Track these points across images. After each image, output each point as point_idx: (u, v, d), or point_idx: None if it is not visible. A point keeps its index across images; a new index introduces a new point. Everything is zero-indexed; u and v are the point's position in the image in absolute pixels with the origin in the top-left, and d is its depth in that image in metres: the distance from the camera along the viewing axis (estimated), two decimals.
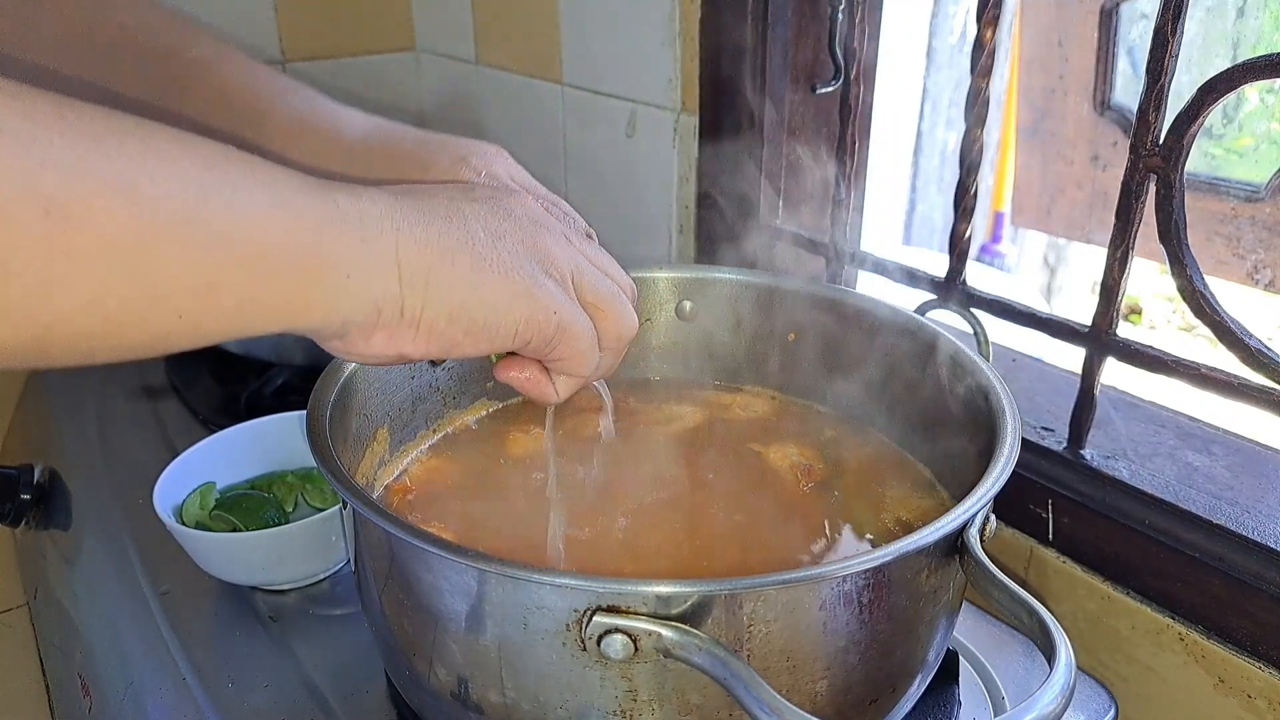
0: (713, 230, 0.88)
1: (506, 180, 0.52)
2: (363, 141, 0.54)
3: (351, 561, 0.52)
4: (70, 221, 0.29)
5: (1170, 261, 0.58)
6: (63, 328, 0.31)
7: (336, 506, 0.66)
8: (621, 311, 0.47)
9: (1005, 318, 0.68)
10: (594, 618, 0.39)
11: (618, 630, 0.38)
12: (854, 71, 0.77)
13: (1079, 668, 0.39)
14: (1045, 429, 0.69)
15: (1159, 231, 0.59)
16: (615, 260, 0.49)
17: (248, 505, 0.69)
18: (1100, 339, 0.63)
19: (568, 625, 0.40)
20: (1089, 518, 0.64)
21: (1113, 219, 0.60)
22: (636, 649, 0.39)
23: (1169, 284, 0.59)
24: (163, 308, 0.32)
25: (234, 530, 0.67)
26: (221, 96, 0.54)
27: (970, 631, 0.63)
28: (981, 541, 0.44)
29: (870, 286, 0.76)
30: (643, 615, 0.38)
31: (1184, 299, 0.58)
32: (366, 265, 0.37)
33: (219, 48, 0.56)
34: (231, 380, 0.95)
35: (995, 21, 0.65)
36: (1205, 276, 0.58)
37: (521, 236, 0.43)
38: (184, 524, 0.67)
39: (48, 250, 0.29)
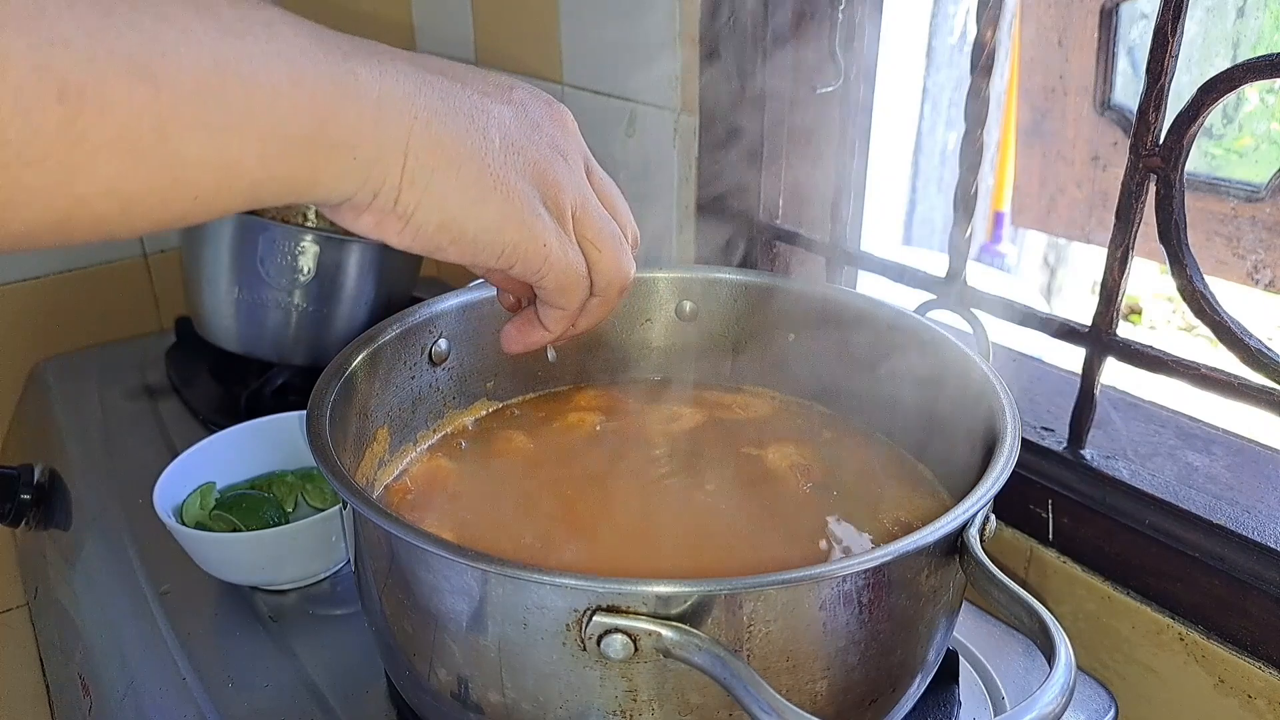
0: (713, 230, 0.88)
1: None
2: None
3: (351, 561, 0.52)
4: (86, 106, 0.28)
5: (1170, 261, 0.58)
6: (83, 212, 0.30)
7: (336, 506, 0.66)
8: (617, 255, 0.46)
9: (1005, 318, 0.68)
10: (594, 618, 0.39)
11: (618, 630, 0.38)
12: (854, 71, 0.77)
13: (1079, 668, 0.39)
14: (1045, 429, 0.69)
15: (1159, 231, 0.59)
16: (624, 198, 0.48)
17: (248, 505, 0.69)
18: (1100, 339, 0.63)
19: (568, 625, 0.40)
20: (1089, 518, 0.64)
21: (1113, 219, 0.60)
22: (636, 649, 0.39)
23: (1169, 284, 0.59)
24: (181, 190, 0.32)
25: (234, 530, 0.67)
26: None
27: (970, 631, 0.63)
28: (981, 541, 0.44)
29: (870, 286, 0.76)
30: (643, 615, 0.38)
31: (1184, 299, 0.58)
32: (375, 148, 0.36)
33: None
34: (231, 380, 0.95)
35: (995, 21, 0.65)
36: (1205, 276, 0.58)
37: (535, 157, 0.41)
38: (184, 524, 0.67)
39: (66, 137, 0.28)
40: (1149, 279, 2.86)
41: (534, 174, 0.41)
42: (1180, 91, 0.56)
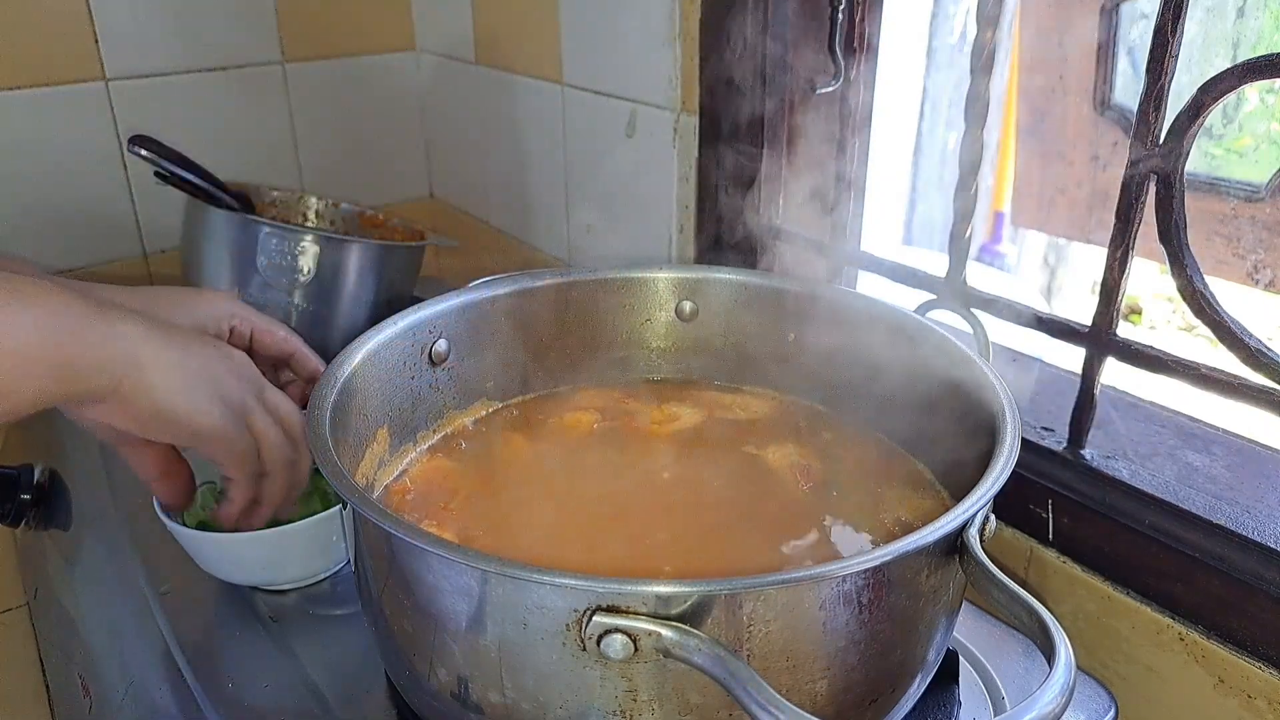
0: (713, 230, 0.88)
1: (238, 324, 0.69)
2: None
3: (351, 562, 0.52)
4: None
5: (1170, 261, 0.58)
6: None
7: (336, 507, 0.66)
8: (278, 439, 0.60)
9: (1005, 318, 0.68)
10: (594, 618, 0.39)
11: (618, 630, 0.38)
12: (854, 71, 0.77)
13: (1079, 668, 0.39)
14: (1045, 429, 0.69)
15: (1159, 231, 0.59)
16: (292, 406, 0.62)
17: None
18: (1100, 339, 0.63)
19: (568, 625, 0.40)
20: (1089, 518, 0.64)
21: (1113, 219, 0.60)
22: (636, 649, 0.39)
23: (1169, 284, 0.59)
24: None
25: (234, 531, 0.67)
26: None
27: (970, 631, 0.63)
28: (981, 541, 0.44)
29: (870, 286, 0.76)
30: (643, 615, 0.38)
31: (1184, 299, 0.58)
32: (103, 375, 0.52)
33: None
34: None
35: (995, 21, 0.65)
36: (1205, 276, 0.58)
37: (219, 375, 0.57)
38: (184, 524, 0.67)
39: None
40: (1149, 279, 2.86)
41: (220, 387, 0.57)
42: (1180, 91, 0.56)
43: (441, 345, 0.65)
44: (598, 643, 0.39)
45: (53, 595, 0.80)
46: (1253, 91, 1.35)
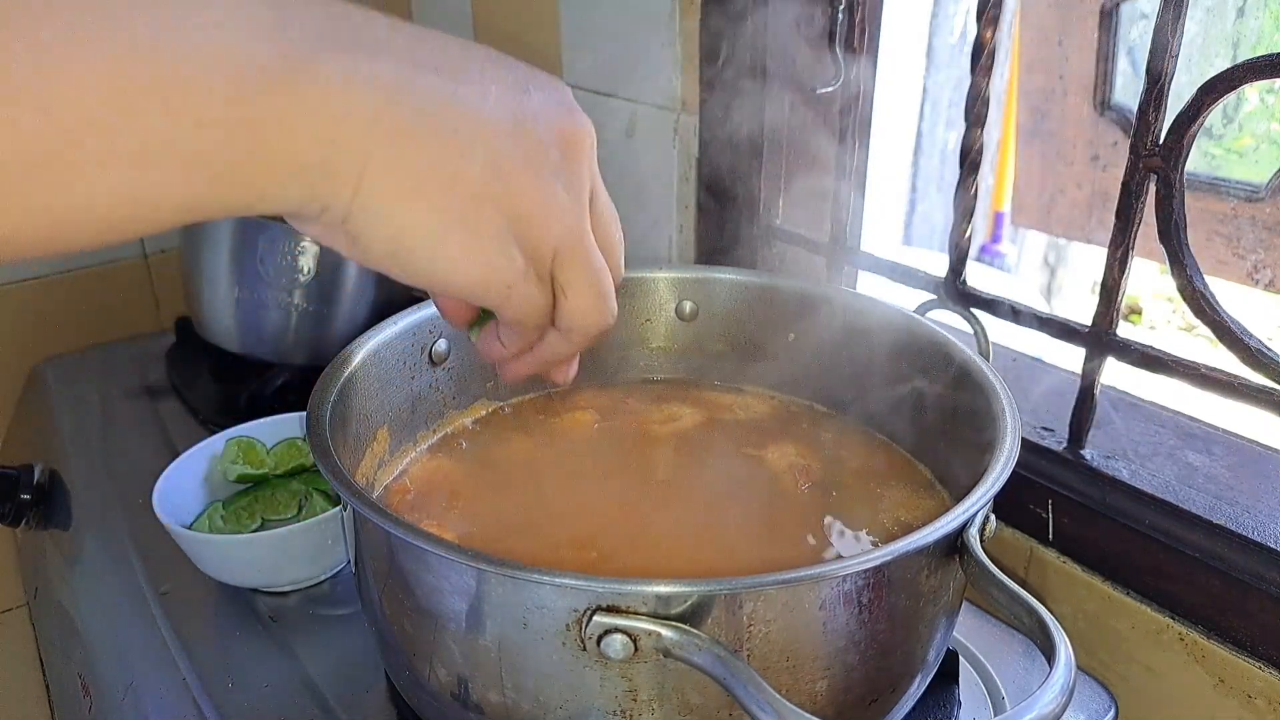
0: (713, 230, 0.87)
1: None
2: None
3: (351, 562, 0.52)
4: None
5: (1170, 261, 0.58)
6: None
7: (336, 509, 0.66)
8: (593, 303, 0.39)
9: (1005, 318, 0.68)
10: (594, 618, 0.39)
11: (618, 630, 0.38)
12: (854, 71, 0.77)
13: (1079, 668, 0.39)
14: (1045, 429, 0.69)
15: (1159, 231, 0.59)
16: (618, 226, 0.43)
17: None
18: (1100, 339, 0.63)
19: (568, 625, 0.40)
20: (1089, 518, 0.64)
21: (1113, 219, 0.60)
22: (636, 649, 0.39)
23: (1169, 284, 0.59)
24: (89, 225, 0.28)
25: (235, 532, 0.67)
26: None
27: (970, 631, 0.63)
28: (981, 541, 0.44)
29: (870, 286, 0.76)
30: (643, 615, 0.38)
31: (1184, 299, 0.58)
32: (322, 170, 0.31)
33: None
34: (231, 380, 0.95)
35: (995, 21, 0.65)
36: (1205, 276, 0.58)
37: (526, 187, 0.35)
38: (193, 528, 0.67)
39: None
40: (1149, 279, 2.86)
41: (517, 207, 0.35)
42: (1180, 91, 0.56)
43: (441, 345, 0.65)
44: (598, 643, 0.39)
45: (53, 595, 0.80)
46: (1253, 91, 1.35)
